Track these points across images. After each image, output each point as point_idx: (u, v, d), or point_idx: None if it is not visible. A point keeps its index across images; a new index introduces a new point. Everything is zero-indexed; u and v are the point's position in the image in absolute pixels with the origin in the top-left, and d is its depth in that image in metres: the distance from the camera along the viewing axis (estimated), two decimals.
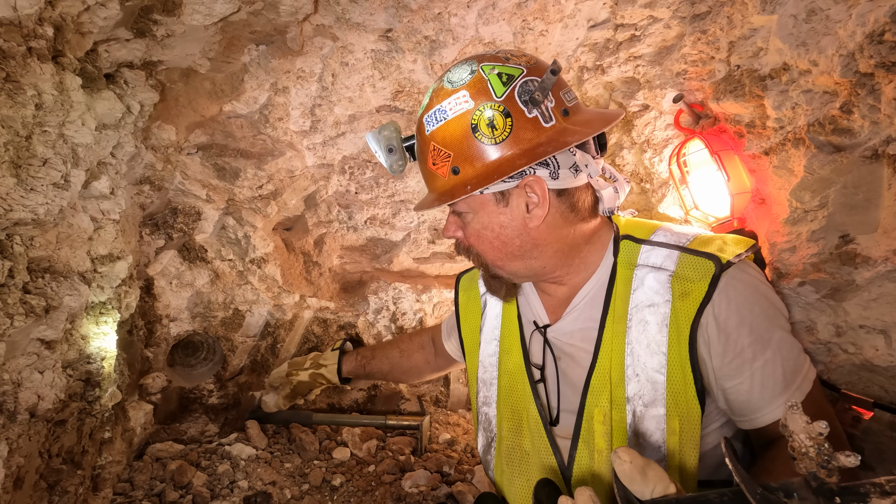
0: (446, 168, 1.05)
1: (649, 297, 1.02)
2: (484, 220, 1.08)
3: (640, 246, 1.09)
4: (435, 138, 1.06)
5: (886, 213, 1.12)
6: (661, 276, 1.03)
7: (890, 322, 1.14)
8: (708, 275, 0.98)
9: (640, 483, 0.67)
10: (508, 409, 1.25)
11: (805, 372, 1.01)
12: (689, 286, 0.99)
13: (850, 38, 1.07)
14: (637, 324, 1.02)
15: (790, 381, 0.98)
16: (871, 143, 1.11)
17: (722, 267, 0.99)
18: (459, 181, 1.04)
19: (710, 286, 0.97)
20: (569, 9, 1.66)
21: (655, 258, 1.06)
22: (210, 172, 1.99)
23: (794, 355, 1.01)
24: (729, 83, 1.44)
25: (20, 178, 1.10)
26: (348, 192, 2.18)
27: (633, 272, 1.07)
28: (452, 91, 1.03)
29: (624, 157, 1.91)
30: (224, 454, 1.82)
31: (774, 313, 1.03)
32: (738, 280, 1.00)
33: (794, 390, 0.97)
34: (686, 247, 1.05)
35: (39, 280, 1.22)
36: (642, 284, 1.04)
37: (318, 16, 1.68)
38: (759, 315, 1.00)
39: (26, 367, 1.17)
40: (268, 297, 2.15)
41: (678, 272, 1.02)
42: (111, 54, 1.45)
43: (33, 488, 1.24)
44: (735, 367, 0.98)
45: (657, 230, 1.13)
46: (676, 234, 1.10)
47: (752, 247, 1.06)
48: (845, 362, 1.25)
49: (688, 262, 1.02)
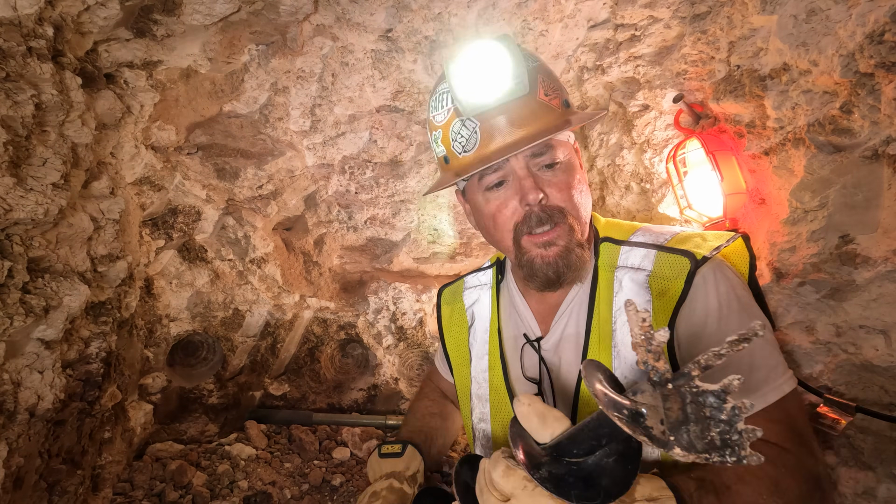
0: (558, 100, 1.03)
1: (631, 297, 1.01)
2: (576, 167, 1.04)
3: (620, 247, 1.08)
4: (541, 71, 1.03)
5: (886, 213, 1.11)
6: (640, 276, 1.02)
7: (890, 322, 1.14)
8: (684, 271, 0.97)
9: (539, 426, 0.66)
10: (500, 425, 1.22)
11: (778, 381, 0.93)
12: (666, 284, 0.98)
13: (850, 38, 1.07)
14: (621, 326, 1.01)
15: (761, 382, 0.91)
16: (871, 144, 1.11)
17: (697, 263, 0.98)
18: (570, 115, 1.02)
19: (687, 282, 0.96)
20: (569, 9, 1.66)
21: (634, 258, 1.05)
22: (210, 172, 1.99)
23: (766, 354, 0.95)
24: (729, 83, 1.44)
25: (20, 178, 1.10)
26: (348, 192, 2.18)
27: (614, 274, 1.06)
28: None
29: (624, 157, 1.91)
30: (224, 454, 1.82)
31: (750, 305, 1.00)
32: (715, 273, 0.99)
33: (764, 391, 0.90)
34: (664, 245, 1.04)
35: (39, 280, 1.22)
36: (622, 287, 1.03)
37: (318, 15, 1.68)
38: (739, 300, 0.98)
39: (26, 367, 1.17)
40: (268, 297, 2.15)
41: (655, 271, 1.01)
42: (111, 54, 1.45)
43: (33, 488, 1.24)
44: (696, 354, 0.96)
45: (637, 231, 1.12)
46: (655, 234, 1.09)
47: (731, 238, 1.05)
48: (845, 362, 1.25)
49: (664, 260, 1.01)
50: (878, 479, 1.29)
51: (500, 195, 1.04)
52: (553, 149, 1.02)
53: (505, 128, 1.00)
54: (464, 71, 0.97)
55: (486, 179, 1.04)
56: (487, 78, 0.97)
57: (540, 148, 1.01)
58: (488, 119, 1.01)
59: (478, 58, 0.97)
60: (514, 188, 1.02)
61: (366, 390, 2.33)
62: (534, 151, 1.01)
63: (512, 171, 1.02)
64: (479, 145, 1.02)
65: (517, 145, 0.97)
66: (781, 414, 0.90)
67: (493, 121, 1.01)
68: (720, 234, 1.05)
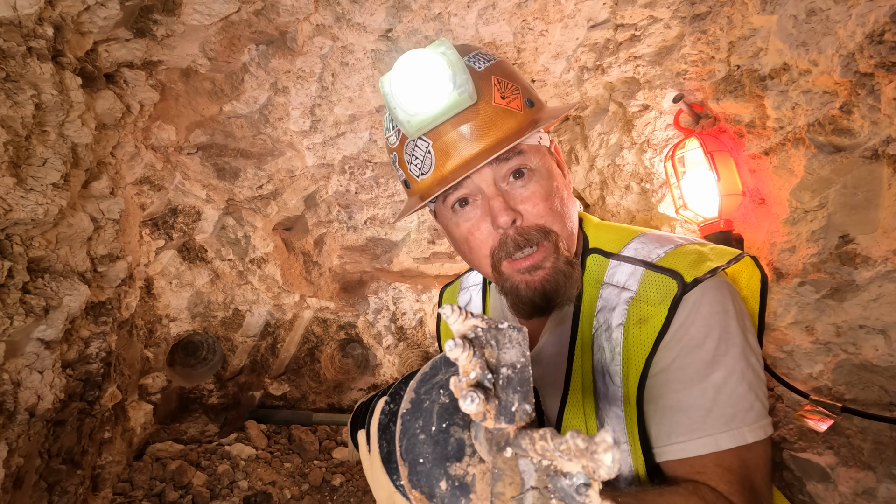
0: (519, 101, 0.91)
1: (607, 319, 0.90)
2: (553, 173, 0.92)
3: (608, 261, 0.95)
4: (495, 72, 0.91)
5: (886, 213, 1.12)
6: (624, 296, 0.90)
7: (890, 322, 1.14)
8: (668, 297, 0.85)
9: None
10: None
11: (742, 428, 0.81)
12: (649, 310, 0.86)
13: (850, 38, 1.07)
14: (597, 350, 0.90)
15: (718, 421, 0.80)
16: (870, 144, 1.11)
17: (685, 287, 0.84)
18: (536, 115, 0.91)
19: (671, 311, 0.84)
20: (569, 9, 1.66)
21: (620, 276, 0.92)
22: (210, 172, 1.99)
23: (737, 396, 0.82)
24: (729, 83, 1.44)
25: (20, 178, 1.10)
26: (348, 192, 2.18)
27: (599, 291, 0.94)
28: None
29: (624, 157, 1.91)
30: (224, 454, 1.82)
31: (730, 345, 0.85)
32: (704, 296, 0.85)
33: (720, 434, 0.79)
34: (654, 263, 0.90)
35: (39, 280, 1.22)
36: (605, 306, 0.92)
37: (318, 15, 1.68)
38: (721, 334, 0.84)
39: (26, 367, 1.17)
40: (268, 297, 2.15)
41: (640, 293, 0.88)
42: (111, 54, 1.45)
43: (33, 488, 1.24)
44: (660, 384, 0.84)
45: (632, 240, 0.97)
46: (650, 246, 0.94)
47: (734, 258, 0.90)
48: (845, 362, 1.25)
49: (651, 281, 0.88)
50: (878, 479, 1.29)
51: (470, 216, 0.93)
52: (522, 155, 0.90)
53: (460, 142, 0.90)
54: (399, 87, 0.88)
55: (449, 199, 0.93)
56: (425, 92, 0.88)
57: (505, 157, 0.89)
58: (440, 136, 0.91)
59: (412, 71, 0.88)
60: (484, 208, 0.91)
61: (366, 390, 2.33)
62: (499, 163, 0.89)
63: (477, 188, 0.91)
64: (435, 166, 0.92)
65: (476, 160, 0.87)
66: (736, 463, 0.79)
67: (445, 137, 0.91)
68: (724, 251, 0.92)
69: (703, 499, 0.72)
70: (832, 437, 1.40)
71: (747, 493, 0.78)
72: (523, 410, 0.37)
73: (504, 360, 0.41)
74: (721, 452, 0.79)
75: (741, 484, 0.78)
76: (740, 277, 0.95)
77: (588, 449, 0.30)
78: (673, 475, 0.82)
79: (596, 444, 0.30)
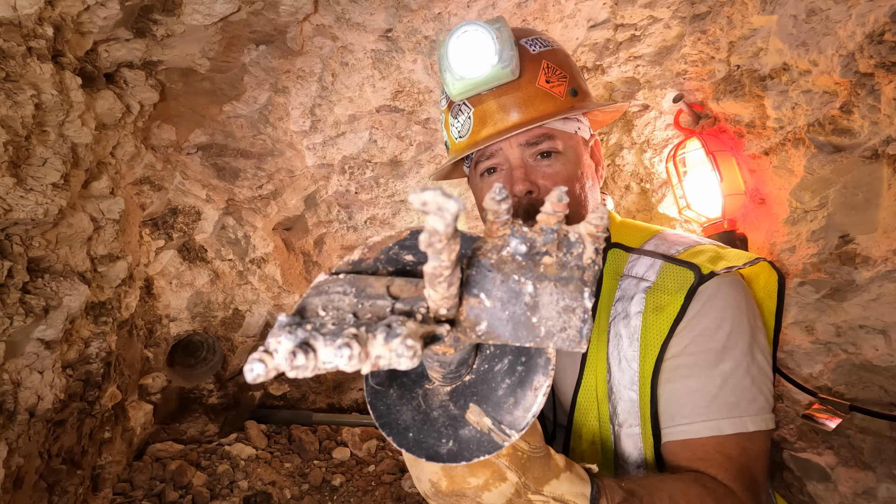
0: (563, 88, 0.99)
1: (625, 308, 0.94)
2: (581, 160, 1.00)
3: (629, 255, 1.00)
4: (547, 57, 0.99)
5: (886, 213, 1.12)
6: (642, 286, 0.93)
7: (890, 322, 1.14)
8: (685, 286, 0.88)
9: None
10: None
11: (743, 416, 0.83)
12: (666, 299, 0.89)
13: (850, 38, 1.07)
14: (613, 337, 0.94)
15: (723, 407, 0.82)
16: (870, 144, 1.11)
17: (702, 278, 0.87)
18: (576, 103, 0.98)
19: (686, 298, 0.87)
20: (569, 9, 1.66)
21: (639, 268, 0.96)
22: (210, 172, 1.99)
23: (741, 388, 0.84)
24: (729, 83, 1.44)
25: (20, 178, 1.10)
26: (348, 192, 2.18)
27: (618, 283, 0.98)
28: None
29: (624, 157, 1.91)
30: (224, 454, 1.82)
31: (739, 339, 0.88)
32: (720, 290, 0.88)
33: (723, 420, 0.82)
34: (673, 256, 0.94)
35: (39, 280, 1.22)
36: (623, 296, 0.95)
37: (318, 15, 1.68)
38: (733, 327, 0.87)
39: (26, 368, 1.17)
40: (268, 297, 2.15)
41: (658, 283, 0.92)
42: (111, 54, 1.45)
43: (33, 488, 1.24)
44: (671, 369, 0.87)
45: (652, 237, 1.02)
46: (669, 243, 0.98)
47: (751, 261, 0.93)
48: (845, 362, 1.25)
49: (669, 272, 0.92)
50: (878, 479, 1.29)
51: (493, 182, 1.00)
52: (552, 139, 0.97)
53: (497, 113, 0.99)
54: (451, 51, 0.96)
55: (480, 166, 1.02)
56: (472, 60, 0.94)
57: (536, 137, 0.96)
58: (481, 103, 1.00)
59: (464, 40, 0.94)
60: (506, 177, 0.99)
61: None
62: (529, 140, 0.97)
63: (506, 159, 0.99)
64: (472, 131, 1.01)
65: (507, 131, 0.95)
66: (737, 451, 0.81)
67: (484, 105, 0.99)
68: (741, 253, 0.94)
69: (705, 486, 0.74)
70: (832, 436, 1.41)
71: (746, 482, 0.80)
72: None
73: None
74: (722, 439, 0.81)
75: (740, 472, 0.80)
76: (757, 280, 0.97)
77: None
78: (675, 461, 0.85)
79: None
